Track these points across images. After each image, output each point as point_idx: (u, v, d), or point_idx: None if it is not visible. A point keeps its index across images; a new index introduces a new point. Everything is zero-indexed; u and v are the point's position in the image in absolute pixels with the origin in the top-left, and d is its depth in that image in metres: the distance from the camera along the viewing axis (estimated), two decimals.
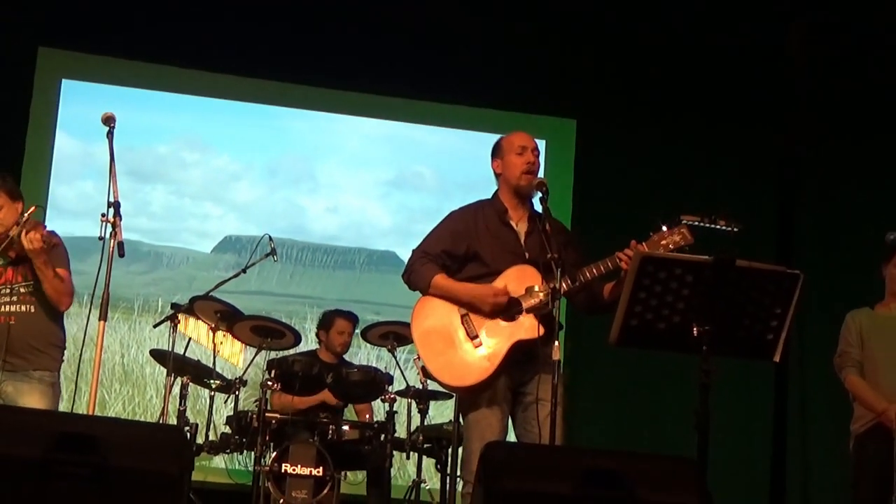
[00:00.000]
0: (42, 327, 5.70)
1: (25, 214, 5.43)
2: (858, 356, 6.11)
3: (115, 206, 5.22)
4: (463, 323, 5.14)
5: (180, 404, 6.94)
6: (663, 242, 4.98)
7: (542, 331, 5.09)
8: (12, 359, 5.56)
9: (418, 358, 6.29)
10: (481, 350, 5.11)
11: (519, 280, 5.16)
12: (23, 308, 5.64)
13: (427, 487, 7.16)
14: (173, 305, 7.05)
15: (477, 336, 5.12)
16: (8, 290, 5.63)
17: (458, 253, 5.27)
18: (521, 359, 5.14)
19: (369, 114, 8.86)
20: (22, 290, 5.65)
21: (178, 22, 8.45)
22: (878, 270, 6.21)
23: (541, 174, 5.37)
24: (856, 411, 6.13)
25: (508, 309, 5.12)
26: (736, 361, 4.77)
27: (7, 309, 5.60)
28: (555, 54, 8.82)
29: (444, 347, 5.16)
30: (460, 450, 5.75)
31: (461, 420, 5.41)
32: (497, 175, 5.38)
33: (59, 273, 5.58)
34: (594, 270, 5.09)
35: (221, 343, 7.29)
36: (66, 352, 5.84)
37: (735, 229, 4.79)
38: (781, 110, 8.93)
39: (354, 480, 7.39)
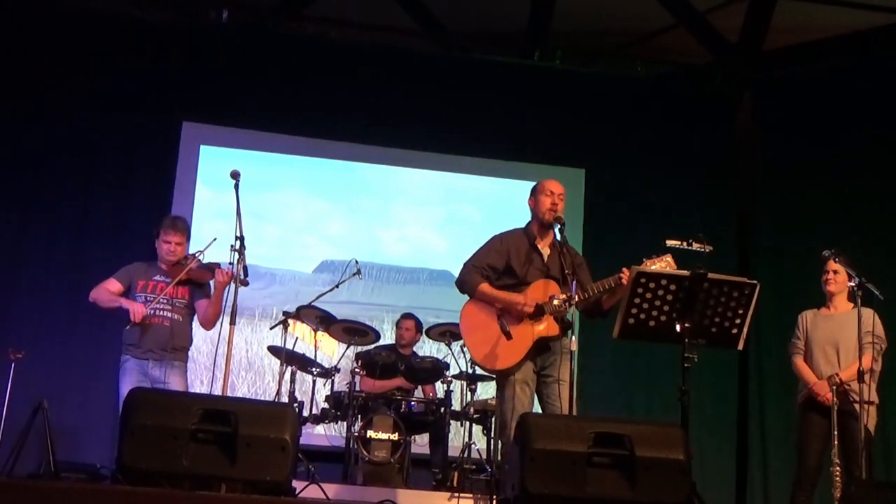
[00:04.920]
0: (184, 332, 5.85)
1: (202, 252, 5.53)
2: (802, 346, 6.14)
3: (241, 239, 5.31)
4: (499, 323, 5.14)
5: (290, 387, 6.98)
6: (653, 267, 4.96)
7: (558, 329, 5.14)
8: (161, 351, 5.69)
9: (464, 346, 6.32)
10: (512, 343, 5.11)
11: (543, 290, 5.18)
12: (176, 317, 5.76)
13: (476, 447, 7.12)
14: (284, 312, 7.08)
15: (509, 332, 5.12)
16: (168, 301, 5.76)
17: (499, 267, 5.28)
18: (543, 349, 5.16)
19: (429, 167, 8.85)
20: (178, 304, 5.80)
21: (287, 101, 8.52)
22: (819, 280, 6.15)
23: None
24: (799, 385, 6.14)
25: (534, 315, 5.12)
26: (709, 350, 4.74)
27: (165, 314, 5.74)
28: (570, 121, 8.82)
29: (484, 341, 5.17)
30: None
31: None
32: (531, 209, 5.40)
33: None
34: (600, 286, 5.11)
35: (321, 340, 7.31)
36: (205, 346, 5.95)
37: (707, 250, 4.77)
38: (737, 160, 8.90)
39: (422, 442, 7.37)
